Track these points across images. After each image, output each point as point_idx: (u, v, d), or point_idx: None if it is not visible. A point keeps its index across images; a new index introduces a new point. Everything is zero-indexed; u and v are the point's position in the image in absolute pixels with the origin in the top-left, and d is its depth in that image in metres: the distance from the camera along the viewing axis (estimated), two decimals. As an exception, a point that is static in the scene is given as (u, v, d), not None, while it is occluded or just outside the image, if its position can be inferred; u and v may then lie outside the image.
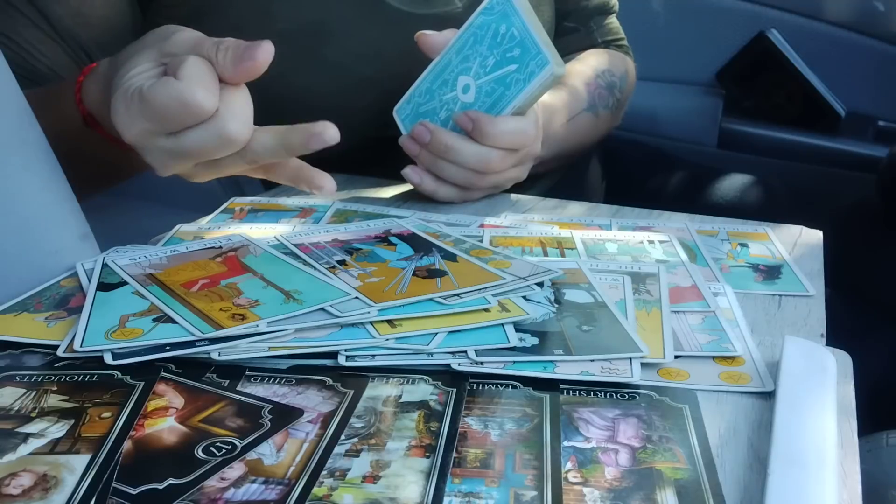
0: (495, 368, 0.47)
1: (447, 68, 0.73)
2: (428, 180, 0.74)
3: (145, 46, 0.58)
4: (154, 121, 0.55)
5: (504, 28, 0.70)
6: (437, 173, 0.74)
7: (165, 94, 0.53)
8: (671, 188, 1.20)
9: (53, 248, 0.57)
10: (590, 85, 0.93)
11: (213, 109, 0.54)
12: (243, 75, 0.55)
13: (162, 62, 0.57)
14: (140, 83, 0.55)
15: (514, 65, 0.70)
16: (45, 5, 0.75)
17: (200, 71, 0.54)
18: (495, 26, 0.71)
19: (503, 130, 0.71)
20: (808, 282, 0.62)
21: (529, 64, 0.70)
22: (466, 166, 0.73)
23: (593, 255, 0.63)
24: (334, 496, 0.37)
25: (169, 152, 0.57)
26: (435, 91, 0.74)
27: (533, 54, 0.69)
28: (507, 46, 0.70)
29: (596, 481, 0.39)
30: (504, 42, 0.70)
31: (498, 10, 0.71)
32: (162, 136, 0.56)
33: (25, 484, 0.37)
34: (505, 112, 0.72)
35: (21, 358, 0.48)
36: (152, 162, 0.59)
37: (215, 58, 0.55)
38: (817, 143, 1.36)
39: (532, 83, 0.70)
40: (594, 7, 1.01)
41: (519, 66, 0.70)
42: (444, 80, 0.74)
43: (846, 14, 1.39)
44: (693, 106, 1.43)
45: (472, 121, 0.71)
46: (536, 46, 0.69)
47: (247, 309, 0.49)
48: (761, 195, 1.12)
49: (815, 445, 0.41)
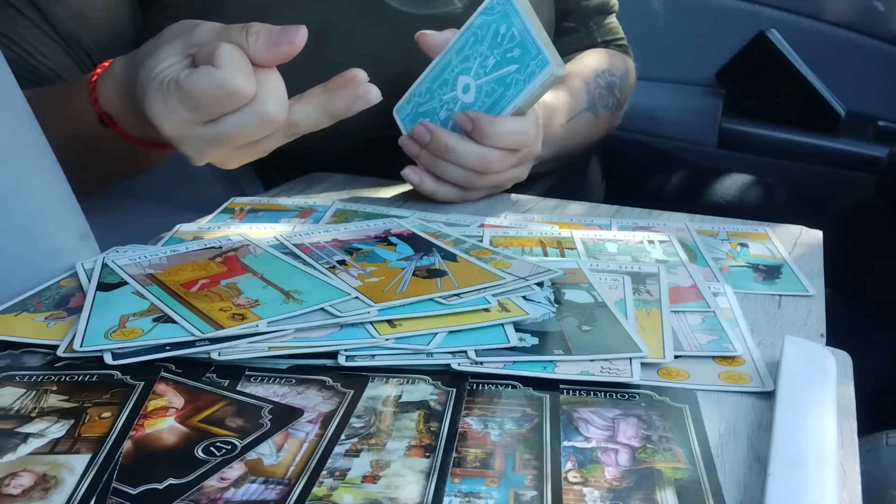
0: (495, 368, 0.47)
1: (447, 68, 0.73)
2: (427, 180, 0.74)
3: (168, 40, 0.59)
4: (194, 109, 0.55)
5: (504, 28, 0.70)
6: (437, 173, 0.74)
7: (206, 81, 0.54)
8: (671, 188, 1.20)
9: (53, 248, 0.56)
10: (590, 85, 0.93)
11: (253, 93, 0.55)
12: (278, 58, 0.56)
13: (189, 53, 0.57)
14: (174, 74, 0.56)
15: (514, 65, 0.70)
16: (46, 7, 0.75)
17: (237, 57, 0.55)
18: (495, 26, 0.71)
19: (503, 130, 0.71)
20: (807, 282, 0.62)
21: (529, 64, 0.70)
22: (466, 166, 0.73)
23: (593, 255, 0.63)
24: (334, 496, 0.37)
25: (208, 140, 0.57)
26: (435, 91, 0.74)
27: (533, 55, 0.69)
28: (507, 47, 0.70)
29: (596, 481, 0.39)
30: (504, 42, 0.70)
31: (498, 10, 0.71)
32: (200, 124, 0.57)
33: (25, 484, 0.37)
34: (505, 112, 0.71)
35: (21, 358, 0.48)
36: (189, 151, 0.59)
37: (245, 42, 0.56)
38: (817, 143, 1.36)
39: (532, 83, 0.70)
40: (594, 7, 1.01)
41: (519, 67, 0.70)
42: (445, 80, 0.74)
43: (846, 14, 1.39)
44: (693, 106, 1.43)
45: (472, 121, 0.71)
46: (536, 47, 0.69)
47: (247, 309, 0.49)
48: (761, 195, 1.12)
49: (815, 445, 0.41)
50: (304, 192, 0.81)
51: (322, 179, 0.84)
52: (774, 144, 1.37)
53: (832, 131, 1.37)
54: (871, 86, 1.39)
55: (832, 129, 1.37)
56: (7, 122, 0.55)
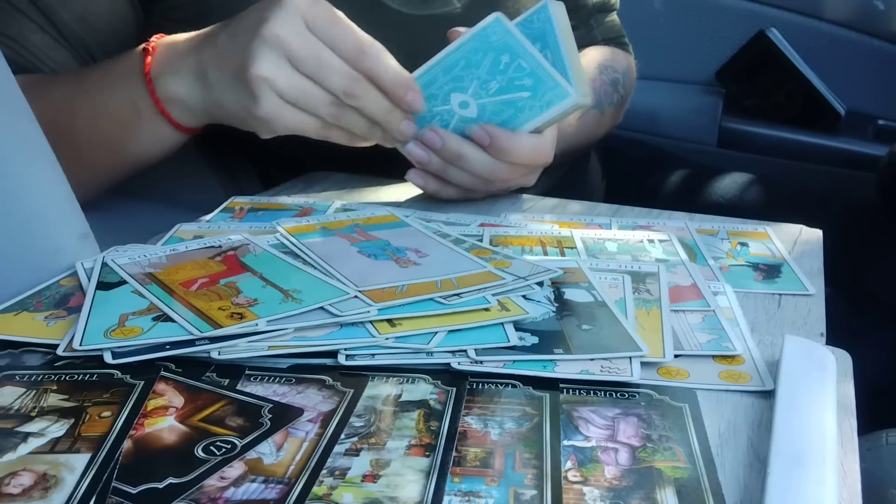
0: (495, 367, 0.47)
1: (433, 83, 0.71)
2: (432, 182, 0.74)
3: None
4: None
5: (507, 57, 0.68)
6: (444, 178, 0.74)
7: None
8: (671, 187, 1.19)
9: (53, 247, 0.57)
10: (594, 81, 0.93)
11: None
12: None
13: None
14: None
15: (525, 92, 0.69)
16: (51, 11, 0.75)
17: None
18: (493, 55, 0.69)
19: (521, 148, 0.71)
20: (807, 281, 0.62)
21: (546, 94, 0.68)
22: (476, 174, 0.72)
23: (593, 255, 0.63)
24: (334, 495, 0.37)
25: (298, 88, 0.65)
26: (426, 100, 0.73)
27: (550, 85, 0.68)
28: (512, 75, 0.69)
29: (596, 480, 0.39)
30: (509, 71, 0.69)
31: (537, 25, 0.69)
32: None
33: (25, 483, 0.37)
34: (522, 129, 0.71)
35: (21, 357, 0.48)
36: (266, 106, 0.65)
37: None
38: (817, 141, 1.36)
39: (551, 110, 0.69)
40: (594, 5, 1.01)
41: (532, 95, 0.69)
42: (433, 94, 0.71)
43: (846, 13, 1.39)
44: (693, 105, 1.43)
45: (490, 136, 0.70)
46: (552, 79, 0.68)
47: (245, 308, 0.49)
48: (761, 194, 1.12)
49: (815, 444, 0.41)
50: (304, 191, 0.81)
51: (322, 179, 0.84)
52: (774, 143, 1.37)
53: (832, 130, 1.37)
54: (871, 85, 1.39)
55: (832, 128, 1.37)
56: (7, 122, 0.55)
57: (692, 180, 1.18)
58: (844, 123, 1.37)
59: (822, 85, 1.37)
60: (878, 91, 1.39)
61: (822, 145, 1.35)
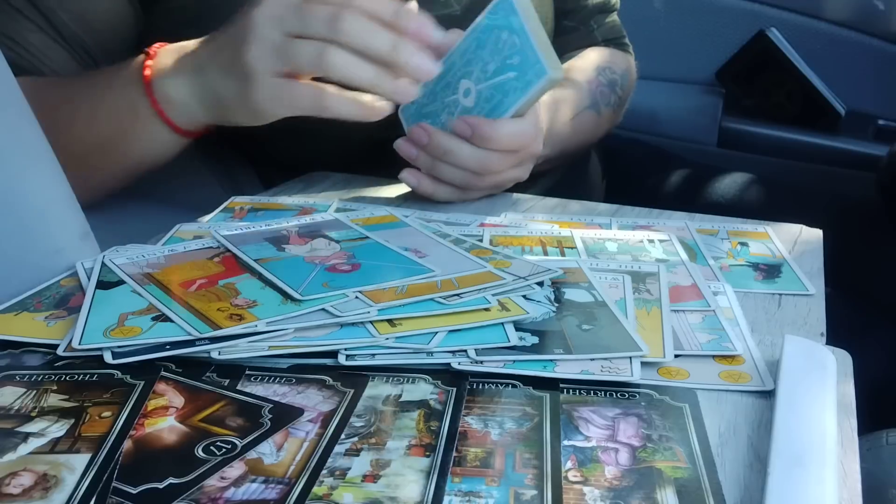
0: (495, 367, 0.47)
1: (450, 70, 0.73)
2: (426, 182, 0.74)
3: None
4: None
5: (506, 35, 0.69)
6: (435, 175, 0.74)
7: None
8: (671, 187, 1.19)
9: (53, 247, 0.57)
10: (591, 83, 0.93)
11: None
12: None
13: None
14: None
15: (512, 72, 0.70)
16: (50, 11, 0.75)
17: None
18: (498, 31, 0.70)
19: (502, 133, 0.71)
20: (807, 281, 0.62)
21: (528, 73, 0.69)
22: (465, 168, 0.73)
23: (593, 254, 0.63)
24: (334, 495, 0.37)
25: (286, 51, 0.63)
26: (438, 93, 0.74)
27: (531, 62, 0.69)
28: (507, 53, 0.70)
29: (596, 480, 0.39)
30: (505, 49, 0.70)
31: (501, 13, 0.70)
32: None
33: (25, 483, 0.37)
34: (507, 114, 0.71)
35: (21, 357, 0.48)
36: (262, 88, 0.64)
37: None
38: (817, 141, 1.36)
39: (529, 91, 0.70)
40: (594, 5, 1.01)
41: (518, 75, 0.70)
42: (448, 83, 0.73)
43: (846, 13, 1.39)
44: (693, 105, 1.43)
45: (471, 126, 0.71)
46: (535, 54, 0.69)
47: (244, 309, 0.49)
48: (761, 194, 1.12)
49: (815, 444, 0.41)
50: (304, 191, 0.81)
51: (322, 179, 0.84)
52: (774, 143, 1.37)
53: (832, 130, 1.37)
54: (871, 84, 1.39)
55: (832, 128, 1.37)
56: (7, 122, 0.55)
57: (692, 180, 1.18)
58: (844, 123, 1.37)
59: (822, 85, 1.37)
60: (878, 91, 1.39)
61: (822, 145, 1.35)
